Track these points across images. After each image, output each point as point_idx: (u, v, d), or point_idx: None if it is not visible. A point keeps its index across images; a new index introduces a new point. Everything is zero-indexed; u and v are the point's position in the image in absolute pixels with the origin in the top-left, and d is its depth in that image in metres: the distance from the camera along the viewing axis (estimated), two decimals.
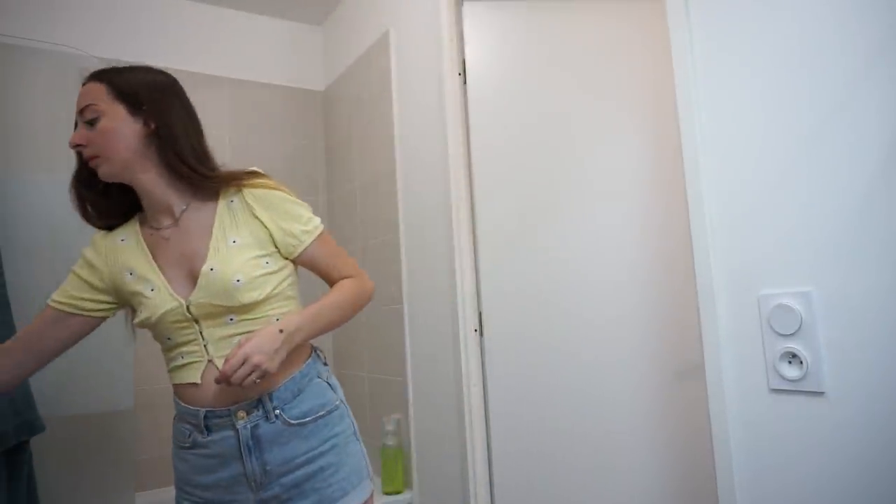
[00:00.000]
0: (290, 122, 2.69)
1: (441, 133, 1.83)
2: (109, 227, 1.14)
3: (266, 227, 1.08)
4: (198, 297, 1.03)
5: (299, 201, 1.13)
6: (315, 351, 1.16)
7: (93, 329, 1.13)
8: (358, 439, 1.14)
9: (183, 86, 1.21)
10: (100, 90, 1.05)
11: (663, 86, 1.28)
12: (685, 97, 1.14)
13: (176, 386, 1.09)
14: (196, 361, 1.05)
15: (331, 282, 1.17)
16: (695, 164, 1.12)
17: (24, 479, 1.36)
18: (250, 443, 1.03)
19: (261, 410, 1.04)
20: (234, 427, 1.03)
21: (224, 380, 0.94)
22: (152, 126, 1.06)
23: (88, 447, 1.65)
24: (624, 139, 1.71)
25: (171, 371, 1.09)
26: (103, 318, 1.13)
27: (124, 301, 1.11)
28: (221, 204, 1.09)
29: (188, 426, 1.06)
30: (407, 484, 1.97)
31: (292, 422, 1.05)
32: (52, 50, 1.69)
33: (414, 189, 2.01)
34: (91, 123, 1.04)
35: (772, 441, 1.02)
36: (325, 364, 1.17)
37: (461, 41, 1.81)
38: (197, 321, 1.05)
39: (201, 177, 1.07)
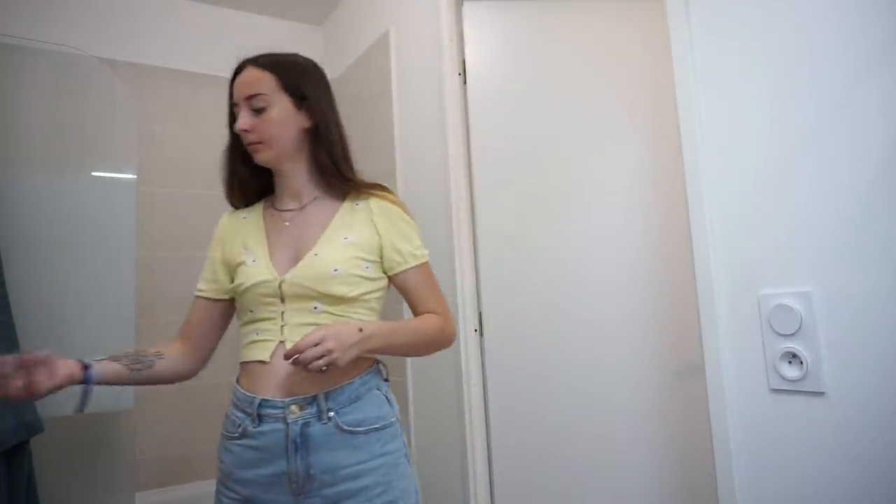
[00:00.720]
0: None
1: (441, 133, 1.83)
2: (246, 205, 1.21)
3: (379, 235, 1.12)
4: (294, 275, 1.06)
5: (415, 226, 1.18)
6: (378, 363, 1.14)
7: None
8: (409, 462, 1.10)
9: (183, 85, 1.23)
10: (269, 80, 1.11)
11: (663, 85, 1.28)
12: (685, 97, 1.14)
13: (242, 366, 1.10)
14: (269, 340, 1.07)
15: (416, 311, 1.16)
16: (695, 164, 1.12)
17: (24, 480, 1.36)
18: (298, 440, 1.02)
19: (314, 408, 1.02)
20: (285, 421, 1.02)
21: (294, 354, 0.94)
22: (311, 122, 1.13)
23: (88, 447, 1.65)
24: (624, 139, 1.71)
25: (243, 348, 1.11)
26: None
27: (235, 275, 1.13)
28: (347, 204, 1.15)
29: (241, 414, 1.06)
30: None
31: (345, 427, 1.03)
32: (52, 50, 1.69)
33: (414, 189, 2.01)
34: (258, 111, 1.09)
35: (772, 441, 1.02)
36: (386, 380, 1.14)
37: (461, 41, 1.81)
38: (283, 300, 1.07)
39: (342, 179, 1.15)
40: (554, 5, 1.77)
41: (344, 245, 1.09)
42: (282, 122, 1.10)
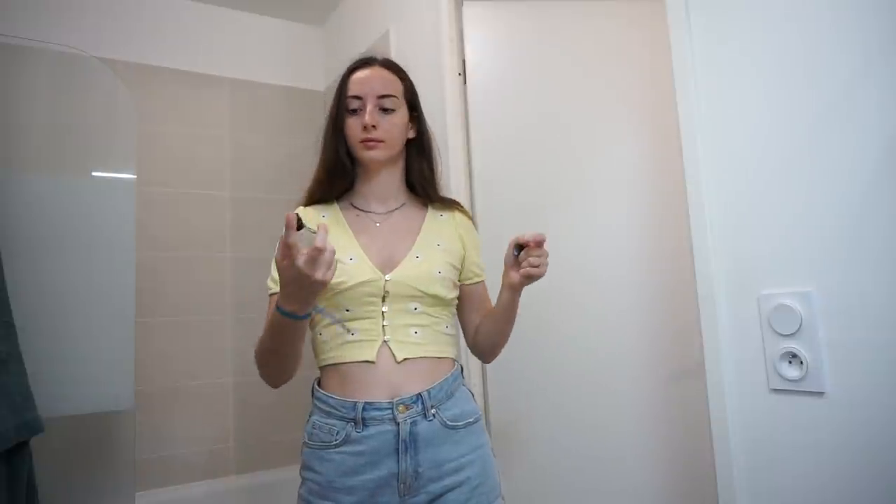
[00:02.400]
0: (290, 122, 2.69)
1: (441, 132, 1.82)
2: (318, 202, 1.20)
3: (464, 247, 1.20)
4: (399, 275, 1.08)
5: None
6: (457, 361, 1.18)
7: None
8: (493, 455, 1.14)
9: (183, 85, 1.23)
10: (398, 86, 1.17)
11: (663, 85, 1.28)
12: (685, 97, 1.14)
13: (333, 369, 1.07)
14: (371, 340, 1.06)
15: (478, 319, 1.23)
16: (695, 164, 1.12)
17: (24, 480, 1.35)
18: (408, 439, 1.02)
19: (420, 407, 1.04)
20: (394, 421, 1.02)
21: (536, 241, 1.03)
22: (415, 133, 1.20)
23: (88, 447, 1.65)
24: (624, 139, 1.71)
25: (334, 350, 1.08)
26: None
27: None
28: (430, 213, 1.22)
29: (339, 422, 1.04)
30: None
31: (449, 423, 1.06)
32: (53, 50, 1.69)
33: None
34: (386, 111, 1.13)
35: (772, 441, 1.02)
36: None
37: (461, 41, 1.81)
38: (384, 300, 1.07)
39: (434, 189, 1.22)
40: (554, 5, 1.77)
41: (439, 251, 1.15)
42: (402, 128, 1.16)
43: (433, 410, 1.05)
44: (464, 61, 1.80)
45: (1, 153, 1.55)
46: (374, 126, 1.10)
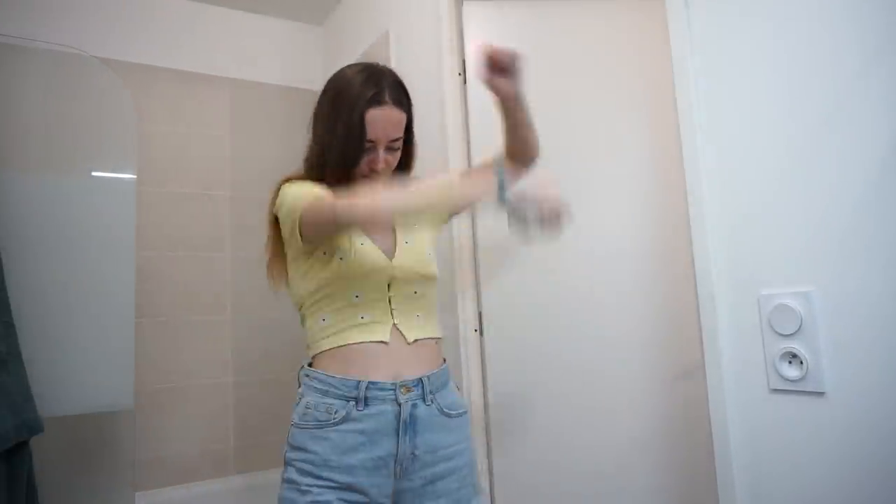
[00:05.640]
0: (290, 122, 2.68)
1: (441, 133, 1.83)
2: None
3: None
4: (401, 260, 1.13)
5: None
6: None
7: None
8: None
9: (183, 85, 1.23)
10: (404, 121, 1.18)
11: (663, 86, 1.28)
12: (685, 97, 1.14)
13: (335, 353, 1.08)
14: (382, 322, 1.09)
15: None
16: (695, 164, 1.13)
17: (24, 479, 1.36)
18: (408, 421, 1.05)
19: (420, 390, 1.07)
20: (396, 402, 1.05)
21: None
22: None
23: (88, 447, 1.65)
24: (624, 139, 1.70)
25: (341, 333, 1.09)
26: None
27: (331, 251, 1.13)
28: None
29: (337, 401, 1.05)
30: None
31: (445, 410, 1.10)
32: (53, 50, 1.69)
33: None
34: (391, 149, 1.17)
35: (772, 441, 1.02)
36: None
37: (461, 41, 1.81)
38: (389, 286, 1.11)
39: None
40: (554, 5, 1.77)
41: (419, 230, 1.20)
42: (399, 154, 1.19)
43: (431, 396, 1.09)
44: (464, 61, 1.80)
45: (1, 153, 1.55)
46: (385, 168, 1.16)
